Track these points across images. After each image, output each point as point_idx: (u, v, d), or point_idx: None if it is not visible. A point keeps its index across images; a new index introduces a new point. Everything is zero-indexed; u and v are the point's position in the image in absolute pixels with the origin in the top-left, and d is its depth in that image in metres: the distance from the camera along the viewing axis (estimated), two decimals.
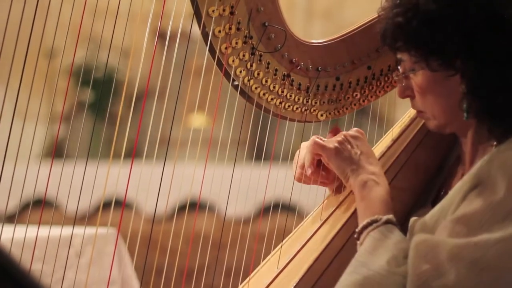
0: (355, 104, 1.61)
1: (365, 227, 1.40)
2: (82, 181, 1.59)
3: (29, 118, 1.70)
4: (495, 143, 1.37)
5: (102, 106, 4.11)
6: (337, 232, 1.49)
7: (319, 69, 1.56)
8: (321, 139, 1.54)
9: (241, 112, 1.60)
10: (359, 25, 1.56)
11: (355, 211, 1.48)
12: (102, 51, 1.86)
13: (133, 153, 1.69)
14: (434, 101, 1.42)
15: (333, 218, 1.53)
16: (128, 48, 1.55)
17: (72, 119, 4.28)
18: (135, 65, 1.67)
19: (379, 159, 1.56)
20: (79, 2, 1.50)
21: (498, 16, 1.36)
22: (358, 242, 1.41)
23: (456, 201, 1.32)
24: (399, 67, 1.47)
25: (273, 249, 1.55)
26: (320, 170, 1.56)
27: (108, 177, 1.55)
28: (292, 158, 1.60)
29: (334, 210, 1.53)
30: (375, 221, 1.40)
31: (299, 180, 1.58)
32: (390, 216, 1.40)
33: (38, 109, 1.69)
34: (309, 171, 1.54)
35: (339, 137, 1.52)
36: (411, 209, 1.52)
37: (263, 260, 1.56)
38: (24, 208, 3.89)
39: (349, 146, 1.51)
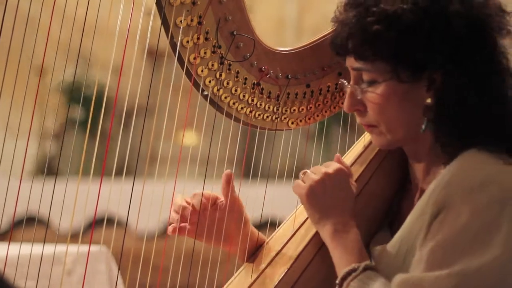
0: (326, 111, 1.60)
1: (344, 278, 1.37)
2: (75, 199, 1.58)
3: (20, 135, 1.70)
4: (443, 162, 1.36)
5: (92, 123, 4.11)
6: (309, 241, 1.48)
7: (289, 77, 1.56)
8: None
9: (231, 129, 1.59)
10: (328, 32, 1.55)
11: None
12: (92, 68, 1.86)
13: (124, 170, 1.68)
14: (394, 114, 1.39)
15: (305, 227, 1.51)
16: (118, 65, 1.56)
17: (66, 136, 4.29)
18: (126, 83, 1.67)
19: (351, 165, 1.55)
20: (68, 19, 1.50)
21: (478, 28, 1.35)
22: None
23: (420, 229, 1.31)
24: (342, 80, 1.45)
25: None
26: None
27: (99, 195, 1.54)
28: (284, 176, 1.59)
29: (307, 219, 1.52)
30: (353, 270, 1.36)
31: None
32: (367, 263, 1.37)
33: (29, 126, 1.69)
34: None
35: (318, 176, 1.45)
36: (382, 215, 1.51)
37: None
38: (15, 225, 3.88)
39: (322, 191, 1.44)
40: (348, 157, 1.59)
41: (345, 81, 1.46)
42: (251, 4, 5.87)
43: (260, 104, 1.56)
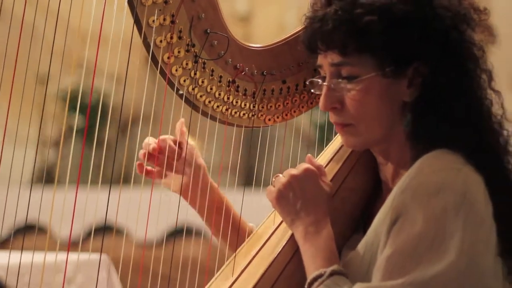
0: (303, 107, 1.59)
1: (310, 283, 1.35)
2: (74, 206, 1.58)
3: (19, 143, 1.71)
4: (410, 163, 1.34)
5: (92, 131, 4.13)
6: (289, 238, 1.47)
7: (265, 73, 1.54)
8: None
9: (232, 137, 1.58)
10: (303, 27, 1.54)
11: None
12: (91, 77, 1.86)
13: (121, 178, 1.68)
14: (373, 111, 1.37)
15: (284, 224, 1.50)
16: (118, 73, 1.56)
17: (65, 144, 4.30)
18: (125, 91, 1.67)
19: (328, 162, 1.53)
20: (63, 26, 1.50)
21: (461, 25, 1.35)
22: None
23: (381, 235, 1.30)
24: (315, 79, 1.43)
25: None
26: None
27: (101, 203, 1.54)
28: None
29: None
30: (320, 276, 1.34)
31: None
32: (335, 267, 1.34)
33: (27, 134, 1.69)
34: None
35: (285, 179, 1.43)
36: (361, 210, 1.49)
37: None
38: (14, 234, 3.90)
39: (291, 194, 1.42)
40: (326, 154, 1.57)
41: (318, 80, 1.44)
42: (250, 12, 5.90)
43: (236, 102, 1.55)
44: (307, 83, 1.52)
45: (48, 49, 1.52)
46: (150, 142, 1.59)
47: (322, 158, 1.57)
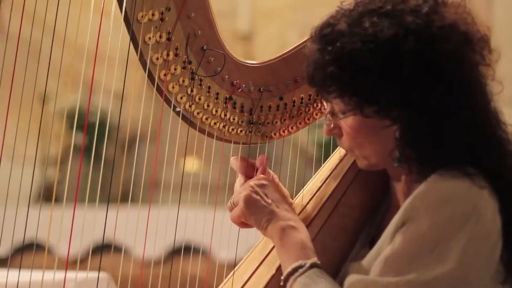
0: (300, 123, 1.58)
1: (290, 273, 1.35)
2: (72, 224, 1.58)
3: (22, 161, 1.71)
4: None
5: (95, 150, 4.13)
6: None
7: (262, 90, 1.54)
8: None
9: (234, 154, 1.58)
10: (300, 43, 1.54)
11: None
12: (95, 95, 1.86)
13: (120, 197, 1.68)
14: (365, 144, 1.40)
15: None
16: (120, 91, 1.56)
17: (66, 162, 4.30)
18: (128, 109, 1.67)
19: (328, 177, 1.53)
20: (70, 46, 1.51)
21: (436, 66, 1.32)
22: None
23: (387, 241, 1.31)
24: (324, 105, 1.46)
25: None
26: None
27: (100, 222, 1.54)
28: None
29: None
30: (300, 266, 1.35)
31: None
32: (314, 259, 1.36)
33: (31, 153, 1.69)
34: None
35: (246, 189, 1.45)
36: (362, 226, 1.48)
37: None
38: (16, 251, 3.89)
39: (258, 196, 1.44)
40: (324, 170, 1.57)
41: (326, 108, 1.47)
42: (253, 30, 5.92)
43: (234, 119, 1.54)
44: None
45: (52, 68, 1.53)
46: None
47: (320, 175, 1.56)
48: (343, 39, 1.34)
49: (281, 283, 1.36)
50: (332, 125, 1.43)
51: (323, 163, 1.62)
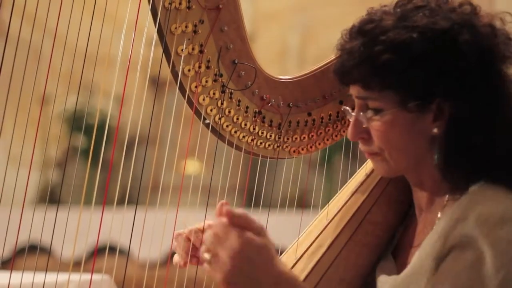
0: (327, 139, 1.59)
1: None
2: (77, 227, 1.58)
3: (22, 164, 1.70)
4: (447, 195, 1.34)
5: (95, 152, 4.12)
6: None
7: (291, 105, 1.55)
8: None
9: (235, 157, 1.58)
10: (331, 60, 1.55)
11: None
12: (94, 97, 1.85)
13: (126, 199, 1.67)
14: (399, 143, 1.37)
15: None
16: (120, 94, 1.56)
17: (69, 164, 4.29)
18: (128, 112, 1.67)
19: (353, 194, 1.54)
20: (70, 48, 1.51)
21: (487, 58, 1.33)
22: None
23: (429, 269, 1.28)
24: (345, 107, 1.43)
25: None
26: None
27: (103, 224, 1.53)
28: (286, 204, 1.57)
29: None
30: None
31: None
32: None
33: (31, 155, 1.69)
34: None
35: (229, 254, 1.19)
36: (384, 242, 1.50)
37: None
38: (17, 254, 3.86)
39: (238, 269, 1.20)
40: (350, 185, 1.58)
41: (348, 108, 1.45)
42: (254, 32, 5.93)
43: (262, 133, 1.55)
44: (342, 109, 1.52)
45: (52, 70, 1.52)
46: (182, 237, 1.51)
47: (346, 189, 1.57)
48: (396, 30, 1.33)
49: None
50: (362, 126, 1.40)
51: (323, 165, 1.62)
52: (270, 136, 1.56)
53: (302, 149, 1.58)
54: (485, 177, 1.32)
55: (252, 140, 1.55)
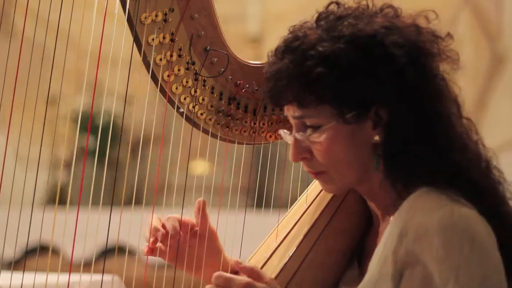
0: None
1: None
2: (86, 228, 1.58)
3: (30, 165, 1.71)
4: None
5: (103, 153, 4.14)
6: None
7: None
8: None
9: (244, 158, 1.58)
10: None
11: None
12: (103, 97, 1.87)
13: (134, 199, 1.68)
14: (342, 156, 1.36)
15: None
16: (129, 94, 1.57)
17: (77, 165, 4.32)
18: (137, 112, 1.68)
19: (308, 207, 1.53)
20: (78, 47, 1.51)
21: (418, 56, 1.32)
22: None
23: (384, 278, 1.27)
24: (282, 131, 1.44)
25: None
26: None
27: (113, 224, 1.53)
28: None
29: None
30: None
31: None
32: None
33: (43, 155, 1.70)
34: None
35: None
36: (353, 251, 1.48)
37: None
38: (24, 254, 3.91)
39: None
40: (300, 203, 1.57)
41: (285, 131, 1.45)
42: (262, 33, 5.93)
43: (237, 119, 1.54)
44: (279, 133, 1.51)
45: (60, 70, 1.53)
46: (158, 227, 1.54)
47: (298, 207, 1.56)
48: (323, 43, 1.33)
49: None
50: (303, 146, 1.38)
51: None
52: (246, 122, 1.55)
53: (279, 134, 1.57)
54: (426, 181, 1.30)
55: (227, 127, 1.54)
